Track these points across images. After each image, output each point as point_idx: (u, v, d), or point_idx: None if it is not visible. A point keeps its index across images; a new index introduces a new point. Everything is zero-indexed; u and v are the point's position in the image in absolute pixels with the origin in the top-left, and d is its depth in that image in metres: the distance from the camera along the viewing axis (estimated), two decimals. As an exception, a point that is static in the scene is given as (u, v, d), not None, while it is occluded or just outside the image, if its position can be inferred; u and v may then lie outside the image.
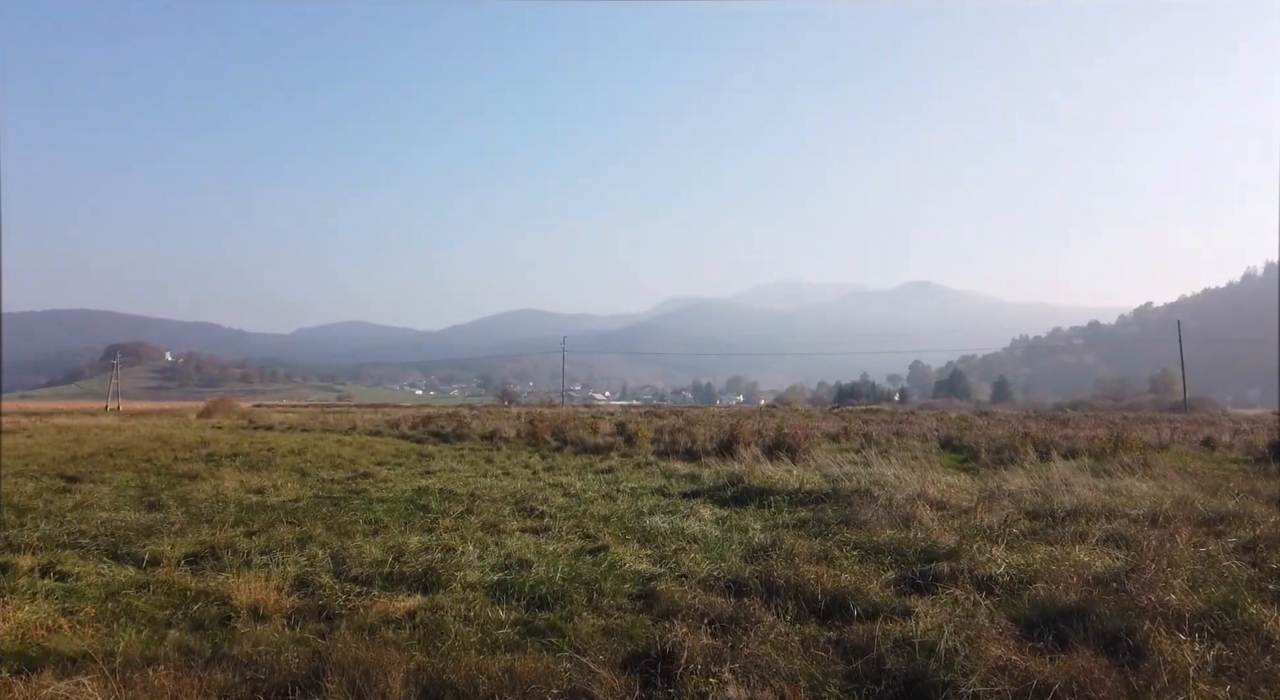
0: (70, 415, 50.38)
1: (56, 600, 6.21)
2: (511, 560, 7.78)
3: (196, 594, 6.45)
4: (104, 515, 10.42)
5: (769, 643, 5.22)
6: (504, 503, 11.71)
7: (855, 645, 5.26)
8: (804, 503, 11.35)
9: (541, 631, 5.62)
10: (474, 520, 10.17)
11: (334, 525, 9.70)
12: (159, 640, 5.25)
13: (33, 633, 5.28)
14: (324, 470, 16.41)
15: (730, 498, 12.14)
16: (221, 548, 8.17)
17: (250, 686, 4.46)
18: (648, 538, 9.09)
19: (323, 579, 6.98)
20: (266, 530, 9.27)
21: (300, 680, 4.51)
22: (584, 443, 23.32)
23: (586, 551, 8.28)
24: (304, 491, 13.11)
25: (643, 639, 5.41)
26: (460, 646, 5.17)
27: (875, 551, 8.03)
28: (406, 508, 11.28)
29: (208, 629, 5.61)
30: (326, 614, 6.01)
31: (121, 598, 6.33)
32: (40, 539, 8.75)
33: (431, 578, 7.05)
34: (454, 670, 4.69)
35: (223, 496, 12.23)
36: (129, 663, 4.71)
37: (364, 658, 4.67)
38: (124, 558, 7.88)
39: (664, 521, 10.07)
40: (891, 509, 10.01)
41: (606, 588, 6.70)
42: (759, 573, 7.03)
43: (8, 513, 10.58)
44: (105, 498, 12.18)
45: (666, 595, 6.42)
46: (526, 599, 6.43)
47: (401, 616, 5.88)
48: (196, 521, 9.96)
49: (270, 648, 5.07)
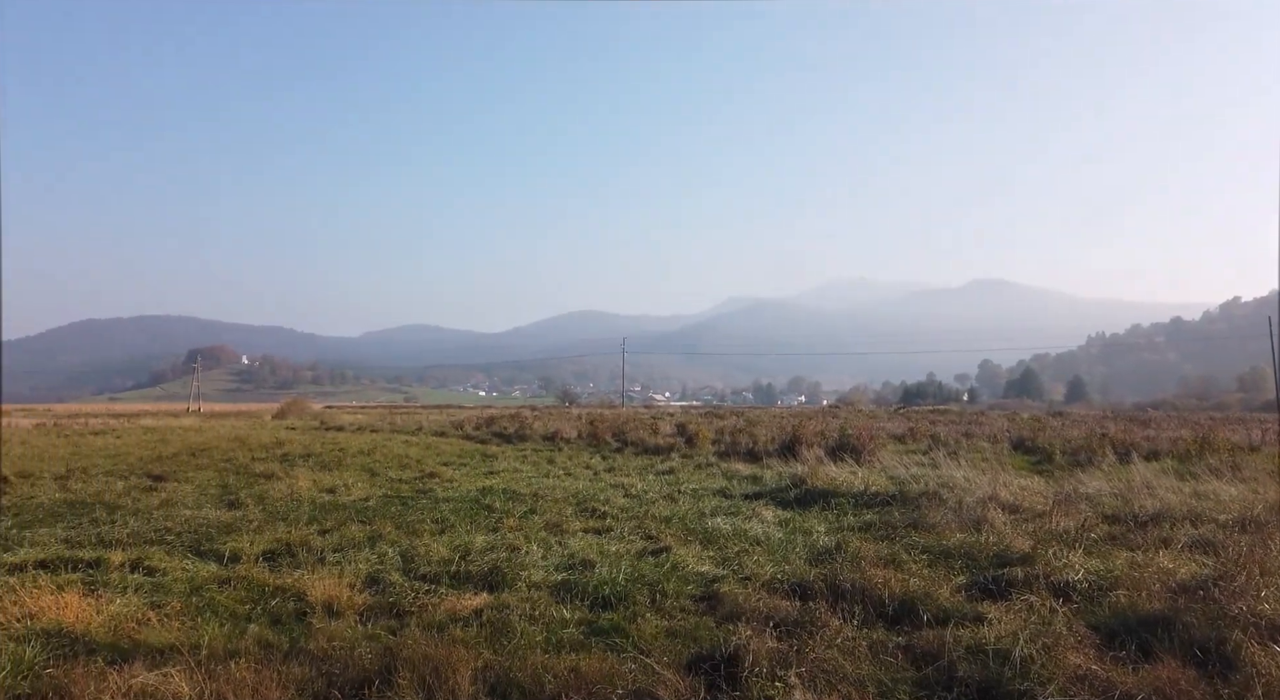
0: (155, 417, 52.90)
1: (145, 594, 6.51)
2: (574, 560, 7.84)
3: (274, 590, 6.67)
4: (187, 513, 10.88)
5: (835, 647, 5.13)
6: (566, 503, 11.82)
7: (925, 651, 5.13)
8: (869, 505, 11.14)
9: (605, 632, 5.64)
10: (537, 520, 10.28)
11: (403, 524, 9.93)
12: (240, 634, 5.45)
13: (124, 625, 5.54)
14: (392, 470, 16.82)
15: (793, 499, 11.99)
16: (297, 545, 8.44)
17: (326, 681, 4.59)
18: (710, 539, 9.05)
19: (393, 577, 7.15)
20: (339, 529, 9.55)
21: (373, 676, 4.62)
22: (644, 444, 23.36)
23: (649, 552, 8.29)
24: (374, 491, 13.46)
25: (707, 641, 5.38)
26: (526, 645, 5.24)
27: (945, 555, 7.82)
28: (472, 507, 11.47)
29: (285, 624, 5.80)
30: (397, 611, 6.15)
31: (205, 593, 6.59)
32: (129, 535, 9.19)
33: (497, 577, 7.15)
34: (520, 668, 4.75)
35: (297, 495, 12.65)
36: (213, 655, 4.90)
37: (433, 655, 4.76)
38: (206, 554, 8.21)
39: (726, 523, 10.01)
40: (961, 512, 9.75)
41: (669, 589, 6.69)
42: (824, 576, 6.93)
43: (100, 510, 11.14)
44: (188, 496, 12.71)
45: (730, 597, 6.38)
46: (590, 599, 6.47)
47: (469, 614, 5.98)
48: (273, 520, 10.32)
49: (344, 643, 5.22)
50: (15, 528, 9.75)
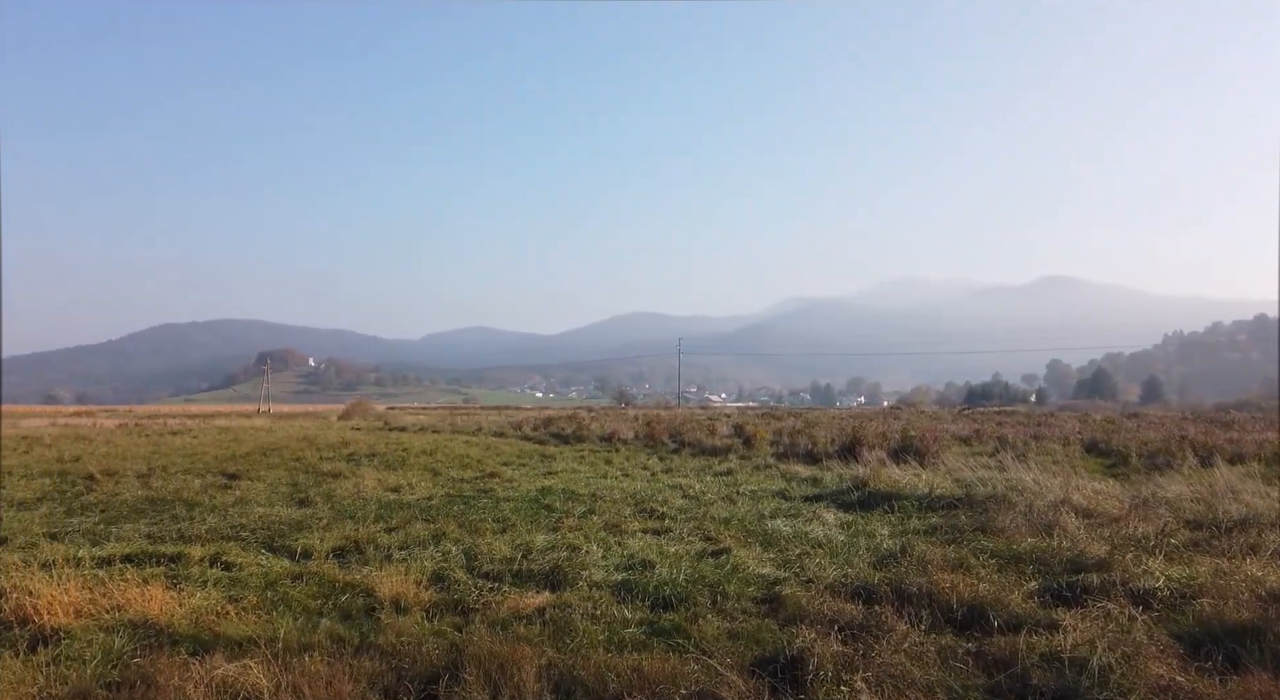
0: (228, 417, 54.96)
1: (223, 588, 6.77)
2: (634, 560, 7.86)
3: (344, 586, 6.86)
4: (260, 510, 11.26)
5: (903, 652, 5.03)
6: (624, 503, 11.86)
7: (997, 658, 5.00)
8: (934, 508, 10.89)
9: (667, 632, 5.64)
10: (596, 520, 10.34)
11: (465, 523, 10.10)
12: (313, 628, 5.62)
13: (204, 618, 5.77)
14: (454, 470, 17.13)
15: (855, 502, 11.80)
16: (364, 543, 8.67)
17: (396, 675, 4.70)
18: (770, 541, 8.97)
19: (457, 574, 7.28)
20: (404, 527, 9.76)
21: (441, 671, 4.71)
22: (701, 445, 23.29)
23: (708, 554, 8.26)
24: (436, 490, 13.73)
25: (770, 643, 5.33)
26: (589, 644, 5.27)
27: (1015, 560, 7.59)
28: (531, 507, 11.60)
29: (355, 619, 5.96)
30: (461, 608, 6.26)
31: (279, 587, 6.81)
32: (207, 531, 9.56)
33: (558, 576, 7.22)
34: (584, 667, 4.78)
35: (363, 494, 12.98)
36: (288, 648, 5.06)
37: (498, 652, 4.83)
38: (279, 550, 8.48)
39: (786, 525, 9.91)
40: (1032, 516, 9.46)
41: (730, 591, 6.65)
42: (889, 580, 6.80)
43: (179, 507, 11.62)
44: (261, 494, 13.16)
45: (792, 600, 6.31)
46: (650, 599, 6.47)
47: (532, 613, 6.05)
48: (341, 517, 10.60)
49: (412, 639, 5.33)
50: (102, 523, 10.24)
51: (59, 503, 12.09)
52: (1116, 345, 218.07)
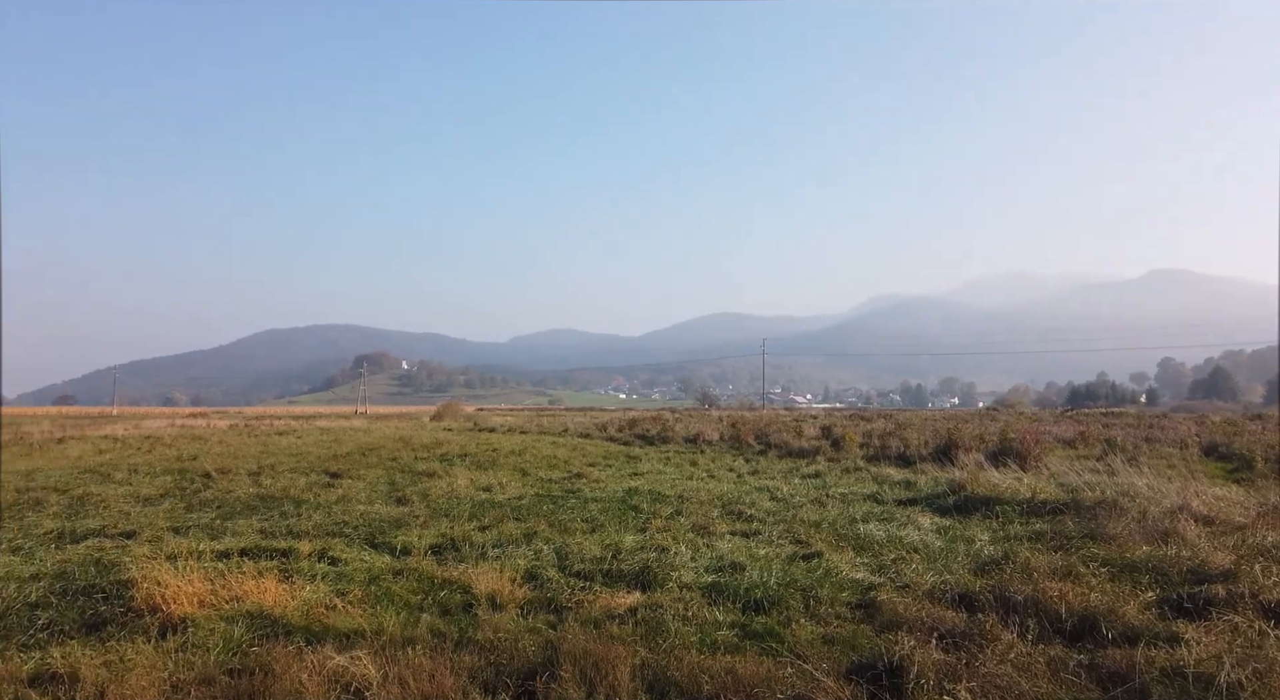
0: (329, 418, 57.55)
1: (330, 582, 7.07)
2: (724, 562, 7.81)
3: (442, 582, 7.07)
4: (361, 508, 11.72)
5: (1009, 662, 4.83)
6: (711, 505, 11.80)
7: (1112, 671, 4.74)
8: (1037, 514, 10.40)
9: (759, 635, 5.58)
10: (684, 522, 10.33)
11: (555, 522, 10.26)
12: (415, 622, 5.81)
13: (314, 610, 6.05)
14: (542, 470, 17.43)
15: (951, 506, 11.40)
16: (460, 541, 8.91)
17: (495, 670, 4.82)
18: (862, 545, 8.76)
19: (549, 573, 7.40)
20: (496, 525, 9.99)
21: (537, 667, 4.80)
22: (788, 446, 22.98)
23: (799, 557, 8.14)
24: (526, 490, 14.00)
25: (866, 650, 5.22)
26: (681, 645, 5.27)
27: (1129, 569, 7.18)
28: (619, 508, 11.68)
29: (454, 615, 6.13)
30: (555, 606, 6.36)
31: (381, 583, 7.08)
32: (314, 527, 10.02)
33: (648, 576, 7.24)
34: (677, 667, 4.78)
35: (457, 493, 13.36)
36: (392, 641, 5.26)
37: (593, 650, 4.88)
38: (380, 546, 8.81)
39: (879, 529, 9.66)
40: (1146, 523, 8.93)
41: (823, 595, 6.53)
42: (992, 587, 6.53)
43: (288, 504, 12.22)
44: (361, 492, 13.71)
45: (888, 606, 6.15)
46: (741, 602, 6.42)
47: (623, 612, 6.09)
48: (437, 516, 10.94)
49: (508, 635, 5.46)
50: (219, 519, 10.87)
51: (179, 499, 12.89)
52: (1236, 342, 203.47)
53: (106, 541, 9.03)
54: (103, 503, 12.20)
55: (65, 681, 4.60)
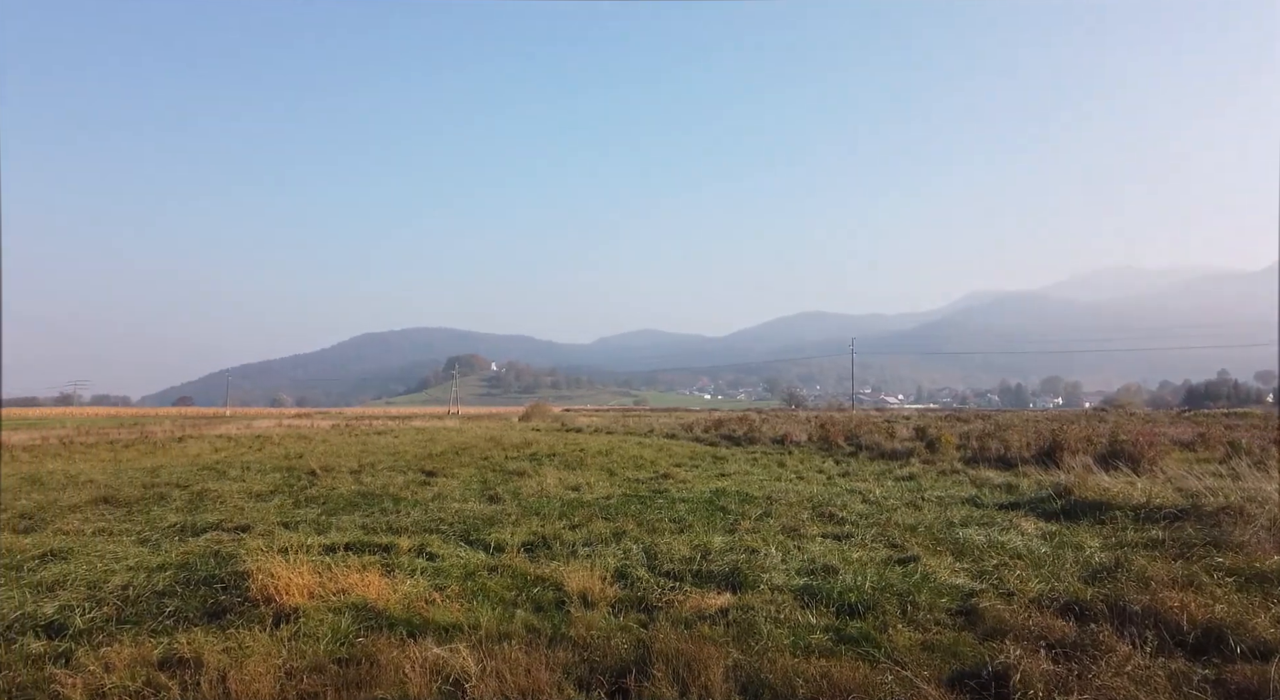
0: (424, 419, 59.55)
1: (429, 577, 7.31)
2: (815, 565, 7.68)
3: (535, 579, 7.20)
4: (456, 505, 12.06)
5: (1125, 675, 4.57)
6: (801, 507, 11.62)
7: (1242, 687, 4.42)
8: (1153, 520, 9.79)
9: (854, 640, 5.45)
10: (773, 523, 10.20)
11: (643, 522, 10.30)
12: (509, 618, 5.94)
13: (415, 603, 6.26)
14: (629, 470, 17.54)
15: (1057, 511, 10.86)
16: (551, 539, 9.07)
17: (588, 667, 4.87)
18: (961, 550, 8.45)
19: (639, 572, 7.43)
20: (586, 524, 10.10)
21: (629, 665, 4.82)
22: (880, 448, 22.40)
23: (895, 561, 7.91)
24: (613, 490, 14.10)
25: (969, 658, 5.02)
26: (774, 647, 5.20)
27: (1258, 579, 6.68)
28: (707, 508, 11.63)
29: (547, 611, 6.23)
30: (645, 605, 6.38)
31: (477, 578, 7.26)
32: (412, 524, 10.37)
33: (738, 577, 7.19)
34: (770, 670, 4.72)
35: (546, 492, 13.58)
36: (488, 636, 5.39)
37: (685, 650, 4.87)
38: (475, 543, 9.04)
39: (979, 534, 9.29)
40: (1276, 530, 8.28)
41: (921, 600, 6.33)
42: (1104, 596, 6.19)
43: (387, 501, 12.69)
44: (455, 490, 14.10)
45: (992, 613, 5.91)
46: (835, 606, 6.29)
47: (714, 613, 6.06)
48: (528, 514, 11.15)
49: (600, 632, 5.51)
50: (324, 514, 11.38)
51: (288, 495, 13.56)
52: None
53: (224, 535, 9.59)
54: (219, 498, 12.96)
55: (191, 666, 4.90)
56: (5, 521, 10.60)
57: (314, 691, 4.51)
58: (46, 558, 8.15)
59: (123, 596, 6.59)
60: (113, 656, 4.99)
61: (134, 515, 11.24)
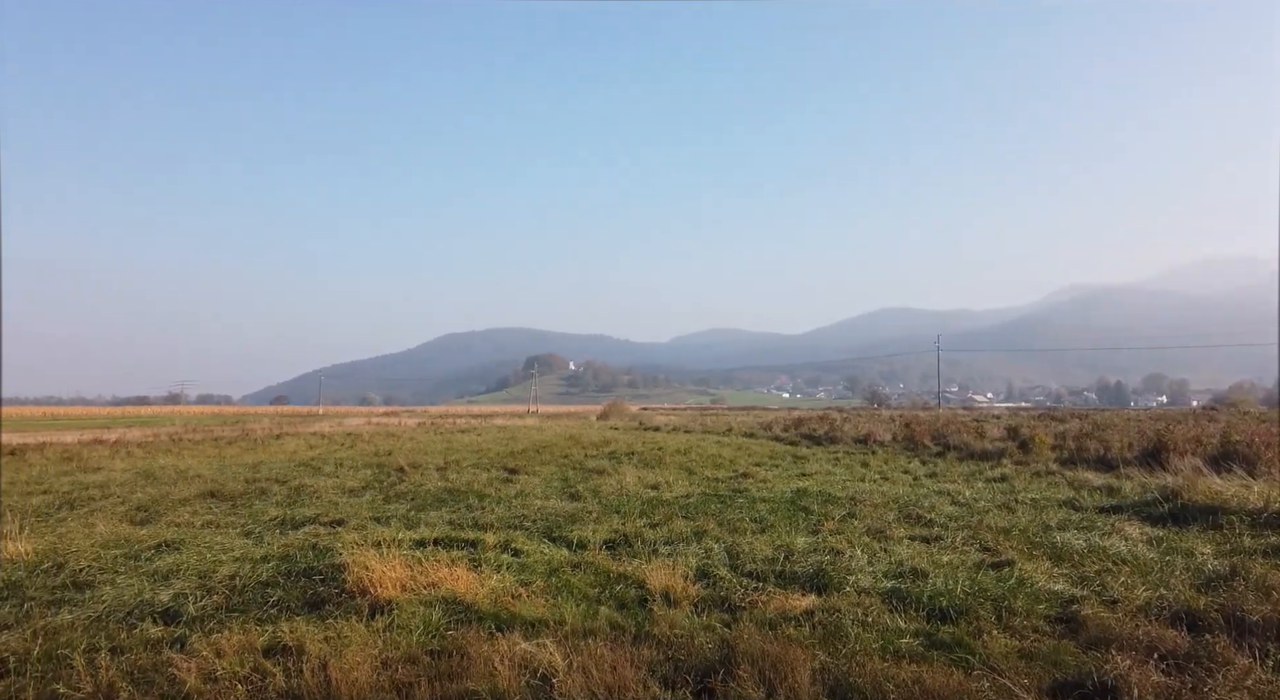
0: (505, 417, 60.81)
1: (514, 572, 7.45)
2: (903, 568, 7.47)
3: (617, 576, 7.24)
4: (538, 503, 12.25)
5: (1245, 690, 4.29)
6: (886, 508, 11.34)
7: (1381, 711, 4.07)
8: (1273, 526, 9.13)
9: (946, 645, 5.28)
10: (857, 525, 9.98)
11: (723, 521, 10.24)
12: (593, 614, 6.00)
13: (501, 598, 6.39)
14: (708, 469, 17.47)
15: (1165, 515, 10.27)
16: (632, 537, 9.11)
17: (673, 665, 4.87)
18: (1060, 555, 8.09)
19: (721, 572, 7.39)
20: (666, 523, 10.11)
21: (714, 665, 4.80)
22: (969, 448, 21.65)
23: (987, 565, 7.63)
24: (693, 489, 14.07)
25: (1071, 667, 4.80)
26: (862, 651, 5.08)
27: (1398, 594, 6.16)
28: (788, 508, 11.48)
29: (629, 609, 6.26)
30: (728, 605, 6.34)
31: (560, 575, 7.36)
32: (496, 520, 10.59)
33: (822, 579, 7.06)
34: (859, 674, 4.62)
35: (626, 490, 13.65)
36: (573, 631, 5.46)
37: (770, 651, 4.81)
38: (558, 540, 9.16)
39: (1078, 538, 8.87)
40: None
41: (1017, 606, 6.08)
42: (1220, 606, 5.82)
43: (472, 497, 12.99)
44: (537, 487, 14.34)
45: (1094, 621, 5.63)
46: (925, 610, 6.11)
47: (799, 614, 5.97)
48: (608, 512, 11.23)
49: (684, 631, 5.50)
50: (413, 510, 11.74)
51: (378, 491, 14.05)
52: None
53: (320, 529, 10.00)
54: (315, 493, 13.53)
55: (293, 653, 5.13)
56: (123, 514, 11.33)
57: (409, 681, 4.65)
58: (161, 548, 8.67)
59: (230, 586, 6.96)
60: (223, 643, 5.27)
61: (238, 509, 11.84)
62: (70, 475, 16.90)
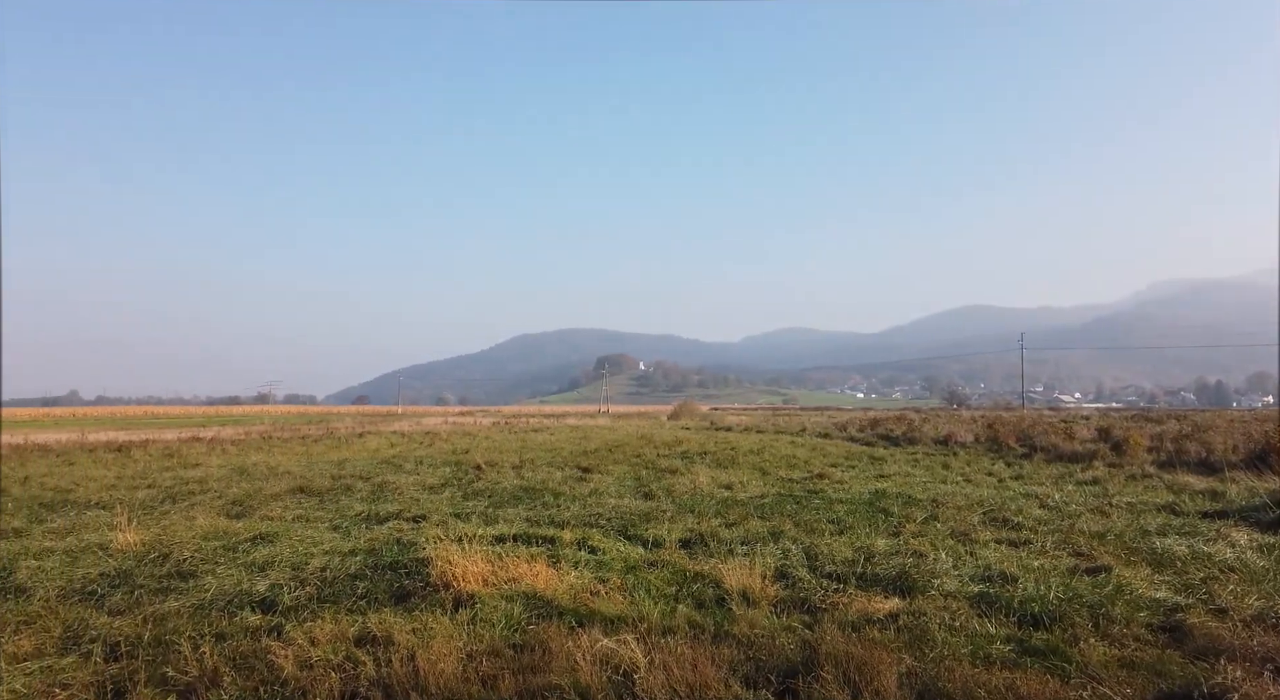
0: (577, 417, 61.44)
1: (591, 569, 7.51)
2: (991, 572, 7.22)
3: (694, 575, 7.22)
4: (612, 501, 12.33)
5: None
6: (970, 511, 10.99)
7: None
8: (1400, 534, 8.50)
9: (1040, 652, 5.08)
10: (940, 527, 9.71)
11: (800, 522, 10.10)
12: (671, 612, 6.00)
13: (580, 594, 6.45)
14: (782, 469, 17.26)
15: (1276, 520, 9.65)
16: (707, 536, 9.07)
17: (754, 665, 4.83)
18: (1160, 561, 7.69)
19: (799, 573, 7.29)
20: (742, 523, 10.04)
21: (796, 666, 4.73)
22: (1057, 449, 20.79)
23: (1082, 571, 7.31)
24: (767, 489, 13.92)
25: (1177, 678, 4.55)
26: (950, 655, 4.94)
27: None
28: (867, 510, 11.24)
29: (708, 608, 6.23)
30: (808, 606, 6.25)
31: (637, 573, 7.38)
32: (572, 518, 10.69)
33: (905, 582, 6.89)
34: (948, 679, 4.49)
35: (699, 490, 13.60)
36: (652, 629, 5.46)
37: (854, 653, 4.72)
38: (633, 538, 9.19)
39: (1180, 544, 8.42)
40: None
41: (1115, 613, 5.80)
42: (1342, 618, 5.43)
43: (547, 495, 13.17)
44: (610, 486, 14.42)
45: (1201, 630, 5.33)
46: (1016, 615, 5.89)
47: (883, 617, 5.84)
48: (682, 511, 11.21)
49: (764, 631, 5.45)
50: (490, 506, 11.97)
51: (457, 488, 14.37)
52: None
53: (403, 524, 10.30)
54: (397, 490, 13.93)
55: (382, 644, 5.29)
56: (220, 507, 11.91)
57: (493, 674, 4.74)
58: (256, 540, 9.08)
59: (321, 578, 7.23)
60: (316, 632, 5.47)
61: (325, 504, 12.30)
62: (171, 471, 17.87)
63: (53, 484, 15.31)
